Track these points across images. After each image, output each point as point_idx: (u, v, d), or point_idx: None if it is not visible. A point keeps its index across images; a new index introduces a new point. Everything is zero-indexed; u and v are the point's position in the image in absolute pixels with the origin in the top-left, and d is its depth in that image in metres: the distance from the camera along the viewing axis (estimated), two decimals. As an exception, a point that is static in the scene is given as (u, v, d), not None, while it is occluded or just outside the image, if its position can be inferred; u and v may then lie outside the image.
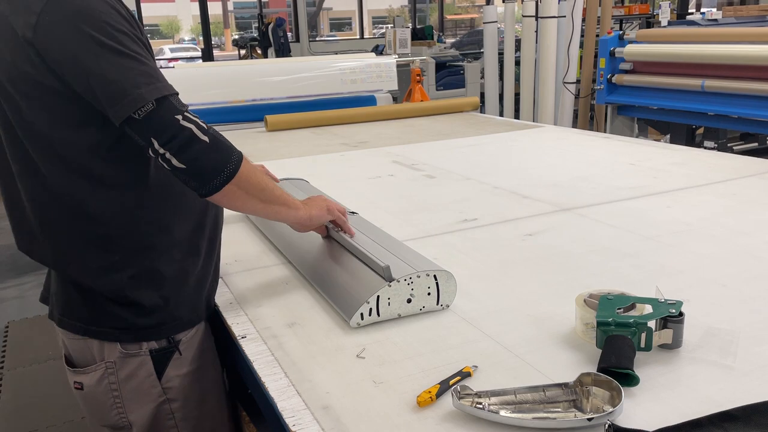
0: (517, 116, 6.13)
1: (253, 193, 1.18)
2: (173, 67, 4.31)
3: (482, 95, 6.61)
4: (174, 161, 1.07)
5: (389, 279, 1.19)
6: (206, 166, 1.09)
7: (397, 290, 1.20)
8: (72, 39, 1.03)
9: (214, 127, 1.13)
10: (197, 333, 1.27)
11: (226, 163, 1.11)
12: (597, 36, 5.91)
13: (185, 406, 1.25)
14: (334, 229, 1.40)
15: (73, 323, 1.21)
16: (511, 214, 1.86)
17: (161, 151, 1.06)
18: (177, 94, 1.10)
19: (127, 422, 1.24)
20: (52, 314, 1.25)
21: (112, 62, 1.04)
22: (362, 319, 1.18)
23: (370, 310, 1.18)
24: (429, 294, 1.23)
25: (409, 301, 1.21)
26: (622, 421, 0.86)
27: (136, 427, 1.24)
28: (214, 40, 13.72)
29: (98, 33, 1.04)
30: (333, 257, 1.39)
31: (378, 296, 1.18)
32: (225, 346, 1.39)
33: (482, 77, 7.06)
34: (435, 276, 1.23)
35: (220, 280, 1.43)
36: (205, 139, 1.08)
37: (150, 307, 1.19)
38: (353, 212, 1.57)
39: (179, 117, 1.07)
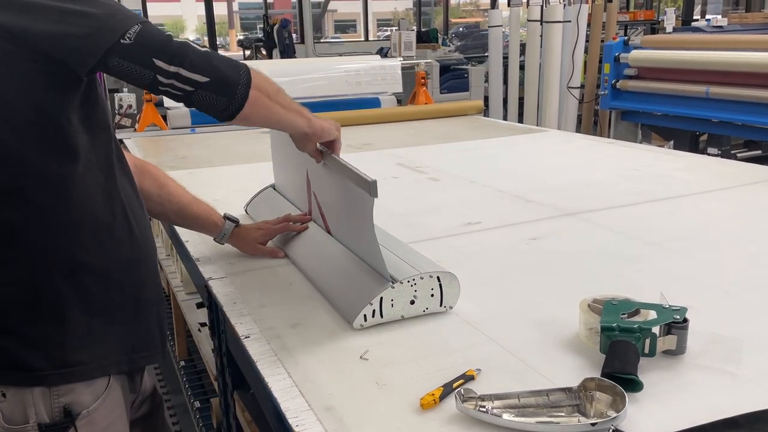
0: (520, 120, 6.13)
1: (274, 98, 1.08)
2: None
3: (486, 99, 6.61)
4: (194, 76, 0.95)
5: (392, 281, 1.19)
6: (226, 71, 0.98)
7: (400, 292, 1.20)
8: (21, 6, 0.90)
9: (219, 128, 1.06)
10: (104, 402, 1.03)
11: (238, 66, 1.01)
12: (602, 41, 5.92)
13: None
14: (326, 151, 1.34)
15: None
16: (514, 218, 1.86)
17: (172, 69, 0.93)
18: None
19: None
20: None
21: (75, 9, 0.91)
22: (365, 320, 1.18)
23: (373, 311, 1.18)
24: (432, 295, 1.23)
25: (412, 302, 1.21)
26: (625, 427, 0.86)
27: None
28: (219, 41, 13.74)
29: None
30: (337, 259, 1.39)
31: (381, 298, 1.18)
32: (228, 345, 1.39)
33: (486, 81, 7.06)
34: (438, 277, 1.23)
35: (224, 279, 1.44)
36: (207, 48, 0.99)
37: (36, 338, 0.96)
38: None
39: (169, 34, 0.96)
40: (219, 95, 0.98)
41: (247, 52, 10.82)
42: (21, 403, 0.97)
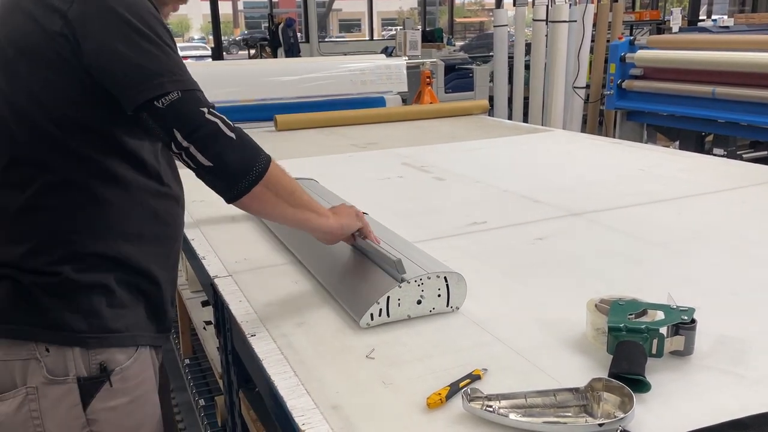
0: (525, 120, 6.12)
1: (284, 197, 1.12)
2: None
3: (491, 98, 6.60)
4: (200, 157, 1.02)
5: (401, 272, 1.19)
6: (234, 163, 1.04)
7: (408, 291, 1.20)
8: (106, 19, 1.01)
9: None
10: (135, 362, 1.14)
11: (254, 161, 1.06)
12: (607, 41, 5.91)
13: None
14: (359, 236, 1.32)
15: (1, 327, 1.08)
16: (520, 218, 1.85)
17: (185, 144, 1.01)
18: (202, 91, 1.06)
19: None
20: None
21: (143, 47, 1.01)
22: (372, 319, 1.18)
23: (380, 310, 1.18)
24: (439, 296, 1.23)
25: (419, 302, 1.21)
26: (633, 428, 0.86)
27: None
28: (224, 40, 13.76)
29: (134, 18, 1.02)
30: (343, 257, 1.39)
31: (388, 297, 1.18)
32: (233, 343, 1.39)
33: (491, 81, 7.05)
34: (446, 278, 1.22)
35: (230, 277, 1.44)
36: (232, 135, 1.04)
37: (81, 305, 1.08)
38: (364, 213, 1.57)
39: (204, 110, 1.03)
40: (220, 181, 1.06)
41: (252, 51, 10.83)
42: (62, 358, 1.08)
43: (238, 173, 1.05)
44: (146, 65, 1.01)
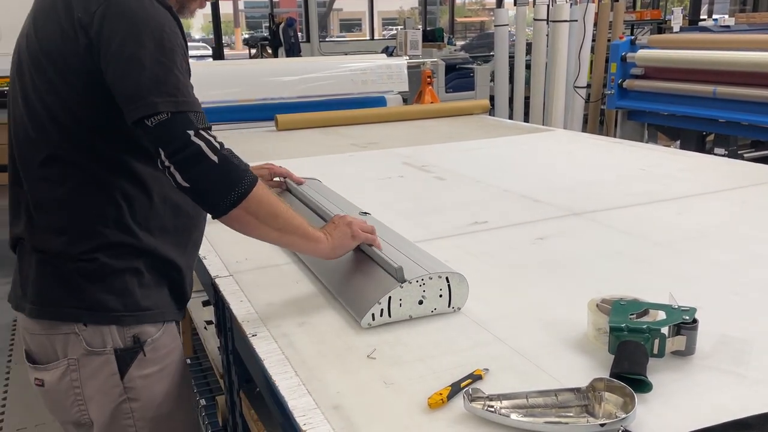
0: (526, 120, 6.11)
1: (265, 221, 1.15)
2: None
3: (492, 98, 6.60)
4: (178, 177, 1.07)
5: (401, 280, 1.19)
6: (210, 188, 1.08)
7: (409, 291, 1.19)
8: (121, 36, 1.08)
9: (224, 127, 1.14)
10: (164, 334, 1.26)
11: (233, 186, 1.09)
12: (608, 41, 5.91)
13: (144, 406, 1.25)
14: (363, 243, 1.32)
15: (32, 306, 1.21)
16: (521, 218, 1.85)
17: (167, 163, 1.06)
18: (199, 112, 1.10)
19: (89, 419, 1.24)
20: (21, 307, 1.25)
21: (148, 67, 1.07)
22: (373, 319, 1.18)
23: (382, 310, 1.18)
24: (441, 296, 1.22)
25: (420, 302, 1.21)
26: (634, 428, 0.86)
27: (96, 424, 1.24)
28: (224, 40, 13.75)
29: (149, 38, 1.08)
30: (345, 258, 1.38)
31: (390, 297, 1.18)
32: (234, 343, 1.39)
33: (492, 80, 7.05)
34: (447, 278, 1.22)
35: (231, 277, 1.44)
36: (214, 159, 1.07)
37: (115, 286, 1.19)
38: (366, 212, 1.57)
39: (191, 132, 1.06)
40: (198, 201, 1.12)
41: (253, 51, 10.83)
42: (99, 332, 1.19)
43: (215, 197, 1.09)
44: (145, 84, 1.06)
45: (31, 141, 1.19)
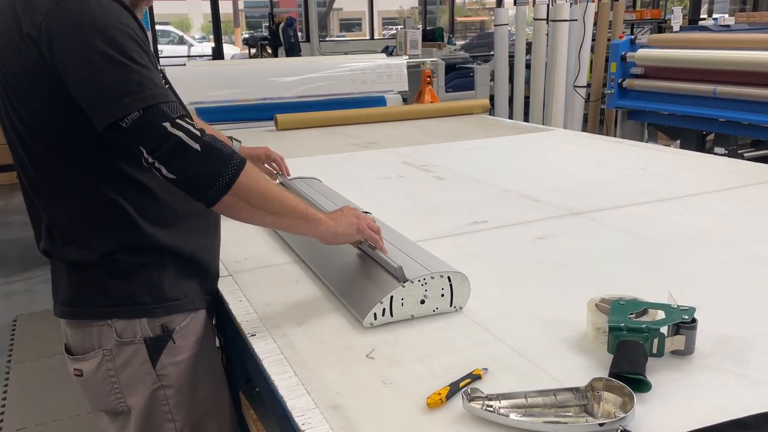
0: (526, 119, 6.11)
1: (258, 205, 1.13)
2: (184, 64, 4.32)
3: (492, 98, 6.60)
4: (164, 171, 1.06)
5: (403, 279, 1.19)
6: (197, 176, 1.07)
7: (411, 291, 1.19)
8: (71, 43, 1.05)
9: (227, 126, 1.14)
10: (192, 322, 1.28)
11: (220, 173, 1.07)
12: (608, 40, 5.90)
13: (178, 392, 1.28)
14: (365, 244, 1.30)
15: (67, 309, 1.24)
16: (521, 217, 1.85)
17: (150, 160, 1.05)
18: (171, 101, 1.07)
19: (126, 407, 1.27)
20: (58, 312, 1.28)
21: (104, 70, 1.04)
22: (375, 319, 1.18)
23: (384, 310, 1.18)
24: (442, 296, 1.22)
25: (422, 302, 1.21)
26: (633, 428, 0.86)
27: (135, 411, 1.27)
28: (225, 39, 13.76)
29: (99, 40, 1.04)
30: (347, 256, 1.38)
31: (391, 297, 1.18)
32: (234, 343, 1.39)
33: (492, 80, 7.05)
34: (449, 277, 1.22)
35: (230, 277, 1.44)
36: (196, 147, 1.05)
37: (144, 281, 1.22)
38: (367, 212, 1.56)
39: (167, 124, 1.04)
40: (188, 191, 1.10)
41: (253, 50, 10.83)
42: (130, 324, 1.22)
43: (203, 185, 1.08)
44: (108, 87, 1.04)
45: (23, 163, 1.19)
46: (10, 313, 3.81)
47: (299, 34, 10.14)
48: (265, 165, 1.90)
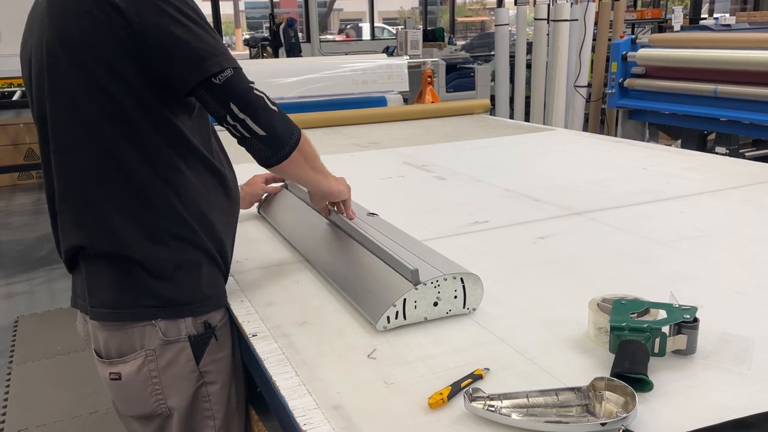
0: (527, 119, 6.12)
1: (310, 162, 1.28)
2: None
3: (492, 98, 6.60)
4: (255, 127, 1.14)
5: (416, 282, 1.17)
6: (281, 132, 1.18)
7: (424, 293, 1.18)
8: (157, 6, 1.10)
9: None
10: (225, 318, 1.31)
11: (293, 130, 1.21)
12: (609, 40, 5.90)
13: (219, 389, 1.30)
14: (334, 210, 1.48)
15: (108, 311, 1.22)
16: (522, 217, 1.85)
17: (241, 116, 1.13)
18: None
19: (166, 408, 1.26)
20: (85, 308, 1.26)
21: (194, 30, 1.11)
22: (389, 322, 1.16)
23: (397, 313, 1.16)
24: (456, 297, 1.21)
25: (435, 304, 1.19)
26: (635, 427, 0.85)
27: (177, 412, 1.26)
28: (225, 40, 13.78)
29: (179, 3, 1.12)
30: (355, 258, 1.38)
31: (404, 299, 1.16)
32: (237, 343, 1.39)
33: (493, 80, 7.05)
34: (462, 279, 1.21)
35: (231, 277, 1.44)
36: (275, 108, 1.18)
37: (183, 281, 1.23)
38: (373, 213, 1.56)
39: (253, 85, 1.16)
40: (268, 148, 1.19)
41: (253, 51, 10.83)
42: (174, 323, 1.24)
43: (284, 141, 1.19)
44: (201, 46, 1.11)
45: (76, 145, 1.16)
46: (11, 314, 3.81)
47: (300, 34, 10.15)
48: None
